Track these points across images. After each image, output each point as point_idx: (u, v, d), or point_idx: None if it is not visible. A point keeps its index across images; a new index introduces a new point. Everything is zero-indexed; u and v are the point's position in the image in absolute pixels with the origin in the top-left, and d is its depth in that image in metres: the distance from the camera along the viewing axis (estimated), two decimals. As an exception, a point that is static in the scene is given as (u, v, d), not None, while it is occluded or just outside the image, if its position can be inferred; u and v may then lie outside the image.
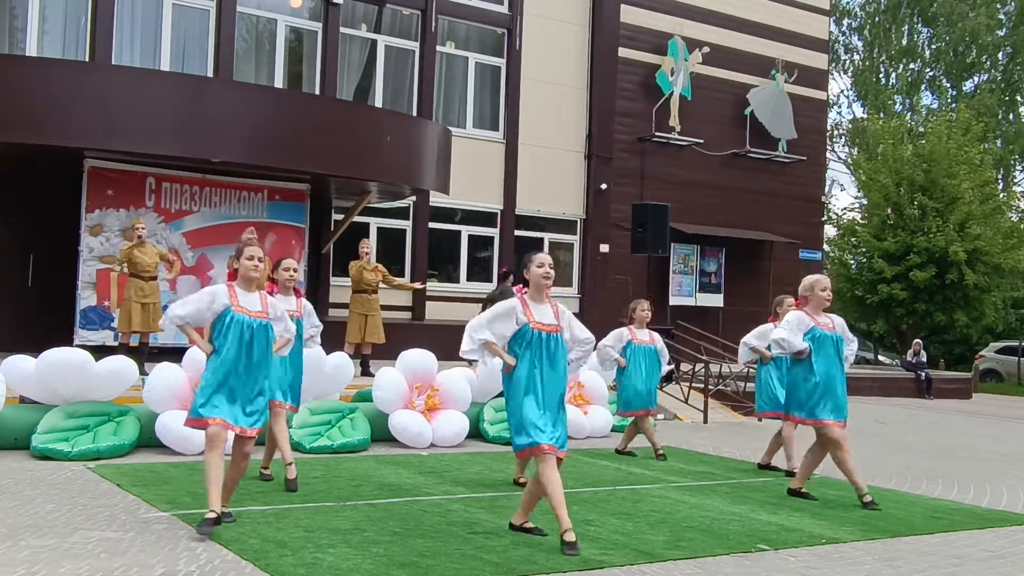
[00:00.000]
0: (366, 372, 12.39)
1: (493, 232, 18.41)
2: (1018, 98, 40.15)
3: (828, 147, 31.14)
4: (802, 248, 22.12)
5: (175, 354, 9.66)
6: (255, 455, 7.85)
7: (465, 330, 5.90)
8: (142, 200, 13.17)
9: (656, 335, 9.67)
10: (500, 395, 10.21)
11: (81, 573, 4.67)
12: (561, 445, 5.71)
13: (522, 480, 7.49)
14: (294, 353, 7.11)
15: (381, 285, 13.06)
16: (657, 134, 20.04)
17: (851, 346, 7.56)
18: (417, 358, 9.95)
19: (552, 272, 5.89)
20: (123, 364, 8.69)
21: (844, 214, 28.43)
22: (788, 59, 21.90)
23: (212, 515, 5.50)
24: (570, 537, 5.45)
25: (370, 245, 13.18)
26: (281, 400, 7.08)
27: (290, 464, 7.08)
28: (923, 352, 22.67)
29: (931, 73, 40.77)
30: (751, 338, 9.22)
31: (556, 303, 6.01)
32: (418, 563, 5.05)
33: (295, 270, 7.24)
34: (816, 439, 7.51)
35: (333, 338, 13.14)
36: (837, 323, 7.54)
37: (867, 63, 42.09)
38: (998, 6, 38.93)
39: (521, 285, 5.98)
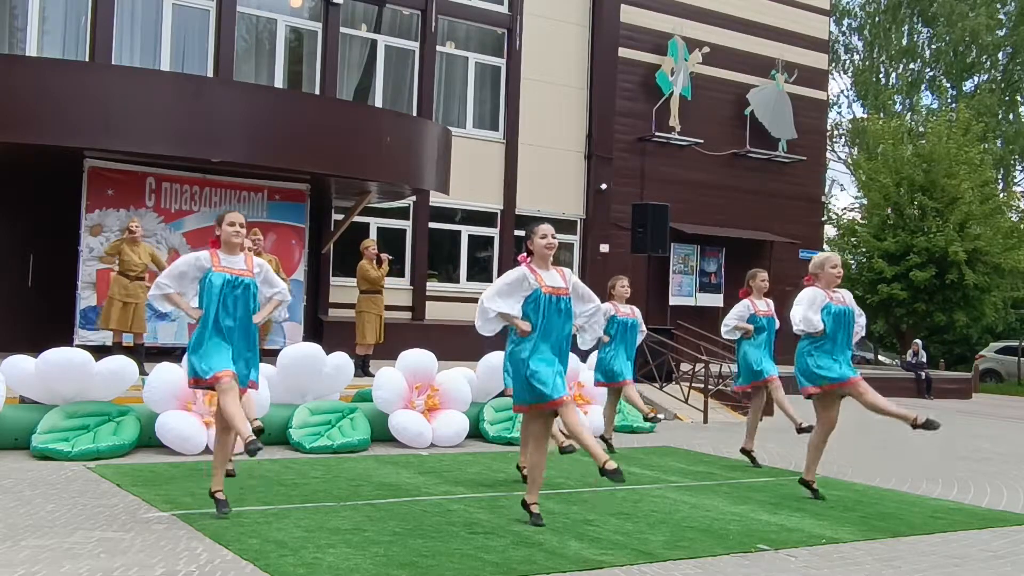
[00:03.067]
0: (366, 372, 12.39)
1: (493, 232, 18.41)
2: (1018, 98, 40.16)
3: (828, 147, 31.15)
4: (802, 248, 22.09)
5: (175, 354, 9.66)
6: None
7: (478, 305, 6.15)
8: (142, 200, 13.18)
9: (636, 308, 9.93)
10: (500, 395, 10.22)
11: (81, 573, 4.66)
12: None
13: (526, 468, 7.48)
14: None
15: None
16: (657, 134, 20.04)
17: (860, 320, 7.49)
18: (417, 358, 9.94)
19: (555, 242, 6.20)
20: (123, 364, 8.68)
21: (844, 214, 28.45)
22: (788, 59, 21.91)
23: (251, 438, 5.56)
24: (611, 465, 5.70)
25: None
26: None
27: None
28: (922, 352, 22.66)
29: (931, 73, 40.78)
30: (732, 319, 9.39)
31: (562, 269, 6.31)
32: (418, 563, 5.05)
33: (255, 243, 7.33)
34: (817, 423, 7.46)
35: (334, 338, 13.18)
36: (848, 297, 7.48)
37: (867, 63, 42.10)
38: (998, 6, 38.94)
39: (525, 255, 6.24)
